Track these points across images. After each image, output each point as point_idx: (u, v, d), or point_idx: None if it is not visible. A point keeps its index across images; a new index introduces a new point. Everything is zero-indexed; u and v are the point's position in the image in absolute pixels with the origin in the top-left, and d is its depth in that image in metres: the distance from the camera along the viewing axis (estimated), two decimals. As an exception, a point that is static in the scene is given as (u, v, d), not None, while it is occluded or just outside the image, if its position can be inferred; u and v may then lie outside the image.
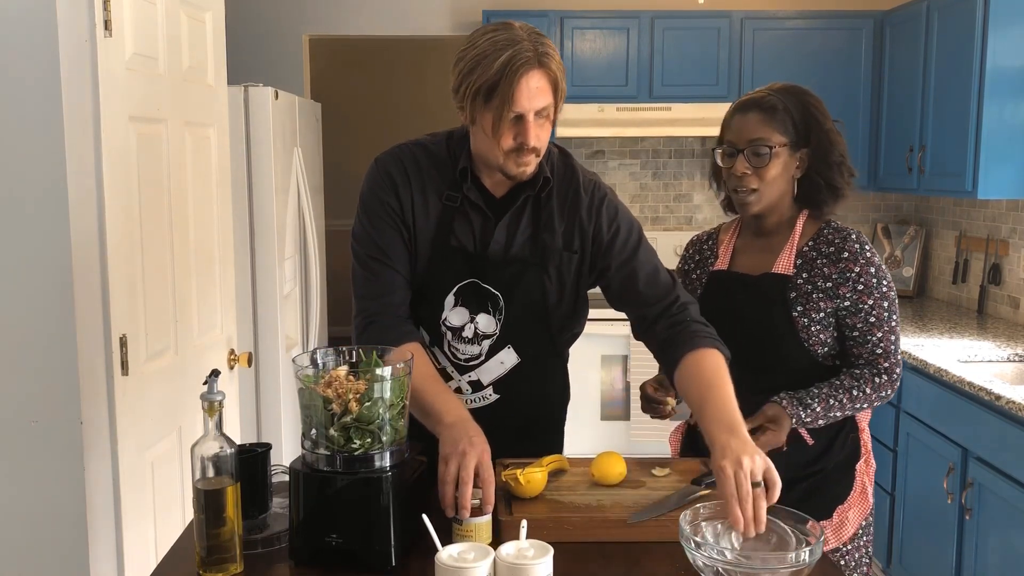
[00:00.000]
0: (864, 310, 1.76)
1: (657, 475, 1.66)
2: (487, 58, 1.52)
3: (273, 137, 3.33)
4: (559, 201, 1.73)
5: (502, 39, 1.53)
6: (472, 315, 1.71)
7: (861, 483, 1.83)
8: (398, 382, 1.37)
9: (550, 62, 1.55)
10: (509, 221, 1.71)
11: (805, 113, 1.78)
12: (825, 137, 1.78)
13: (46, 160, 1.82)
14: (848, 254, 1.77)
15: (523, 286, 1.71)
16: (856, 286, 1.76)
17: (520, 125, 1.56)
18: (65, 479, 1.89)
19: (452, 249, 1.69)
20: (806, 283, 1.78)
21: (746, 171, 1.77)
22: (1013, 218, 3.62)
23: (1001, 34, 3.21)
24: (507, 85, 1.52)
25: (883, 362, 1.78)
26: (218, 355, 2.59)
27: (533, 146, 1.58)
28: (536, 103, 1.55)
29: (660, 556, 1.41)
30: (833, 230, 1.82)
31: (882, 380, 1.78)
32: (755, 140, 1.76)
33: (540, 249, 1.71)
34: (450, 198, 1.69)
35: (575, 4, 4.43)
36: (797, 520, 1.32)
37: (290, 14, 4.56)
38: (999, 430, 2.58)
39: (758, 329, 1.80)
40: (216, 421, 1.34)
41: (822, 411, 1.74)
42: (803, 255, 1.81)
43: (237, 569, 1.36)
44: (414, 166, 1.71)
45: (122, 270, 2.00)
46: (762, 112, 1.77)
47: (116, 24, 1.95)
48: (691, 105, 4.20)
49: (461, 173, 1.68)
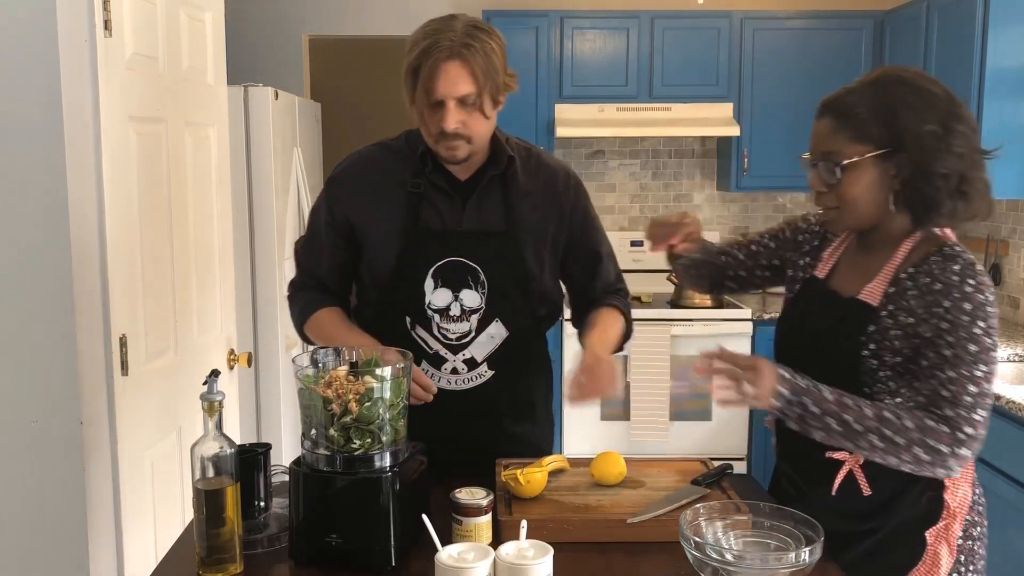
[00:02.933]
0: (940, 344, 1.38)
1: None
2: (416, 43, 1.63)
3: (273, 137, 3.33)
4: (528, 176, 1.80)
5: (435, 28, 1.64)
6: (455, 293, 1.74)
7: (933, 554, 1.47)
8: (398, 382, 1.37)
9: (471, 54, 1.61)
10: (479, 200, 1.76)
11: (892, 112, 1.42)
12: (919, 143, 1.40)
13: (46, 160, 1.82)
14: (942, 285, 1.40)
15: (503, 258, 1.75)
16: (940, 323, 1.39)
17: (440, 111, 1.64)
18: (65, 479, 1.89)
19: (422, 231, 1.73)
20: (888, 317, 1.44)
21: (820, 188, 1.49)
22: (1013, 218, 3.63)
23: (1001, 34, 3.21)
24: (425, 71, 1.60)
25: (946, 408, 1.36)
26: (218, 355, 2.59)
27: (454, 131, 1.65)
28: (455, 91, 1.62)
29: (660, 556, 1.41)
30: (942, 257, 1.43)
31: (937, 427, 1.36)
32: (827, 153, 1.46)
33: (516, 222, 1.76)
34: (414, 185, 1.75)
35: (575, 4, 4.43)
36: (797, 520, 1.32)
37: (290, 14, 4.56)
38: (999, 430, 2.58)
39: (827, 360, 1.50)
40: (216, 421, 1.34)
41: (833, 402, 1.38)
42: (898, 283, 1.46)
43: (237, 569, 1.36)
44: (369, 166, 1.80)
45: (122, 270, 2.00)
46: (835, 118, 1.46)
47: (116, 24, 1.95)
48: (691, 105, 4.20)
49: (421, 157, 1.74)
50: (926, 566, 1.48)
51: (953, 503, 1.48)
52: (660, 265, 4.49)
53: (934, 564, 1.48)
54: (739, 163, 4.28)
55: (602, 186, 4.66)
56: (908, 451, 1.36)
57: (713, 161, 4.67)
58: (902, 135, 1.41)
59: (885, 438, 1.37)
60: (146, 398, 2.13)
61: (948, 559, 1.48)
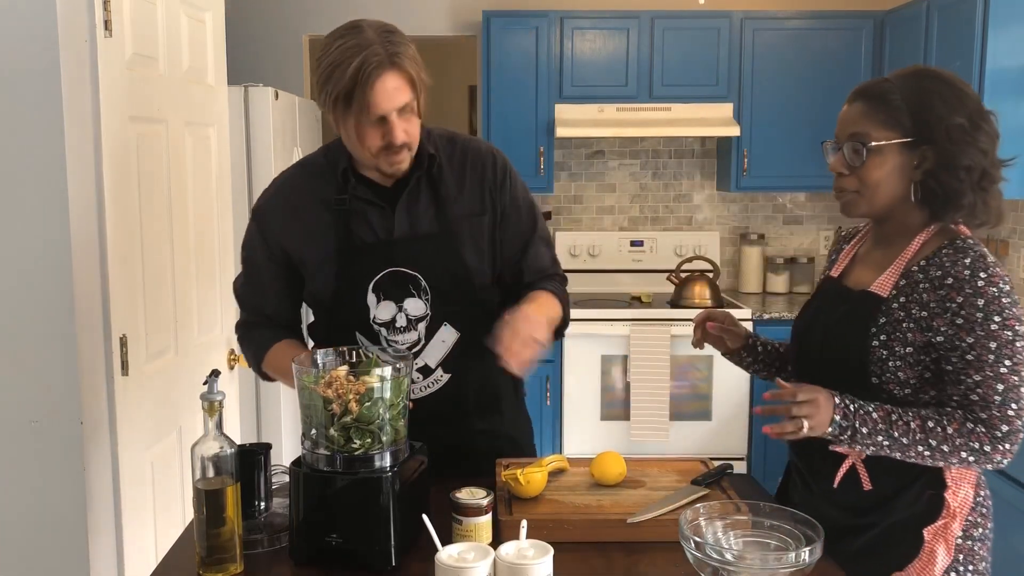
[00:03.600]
0: (961, 348, 1.41)
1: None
2: (340, 66, 1.56)
3: (273, 137, 3.33)
4: (456, 168, 1.76)
5: (351, 44, 1.56)
6: (399, 304, 1.71)
7: (930, 551, 1.49)
8: (398, 382, 1.37)
9: (403, 60, 1.58)
10: (408, 205, 1.72)
11: (924, 103, 1.45)
12: (947, 134, 1.44)
13: (46, 160, 1.82)
14: (953, 280, 1.42)
15: (441, 260, 1.72)
16: (955, 319, 1.41)
17: (385, 126, 1.60)
18: (65, 479, 1.89)
19: (356, 247, 1.71)
20: (900, 309, 1.47)
21: (842, 170, 1.51)
22: (1013, 218, 3.63)
23: (1001, 34, 3.21)
24: (362, 91, 1.55)
25: (979, 411, 1.41)
26: (218, 355, 2.59)
27: (402, 143, 1.62)
28: (396, 102, 1.58)
29: (660, 556, 1.41)
30: (953, 249, 1.45)
31: (975, 428, 1.41)
32: (854, 134, 1.48)
33: (448, 221, 1.73)
34: (339, 202, 1.72)
35: (575, 4, 4.43)
36: (797, 520, 1.32)
37: (290, 14, 4.56)
38: (999, 430, 2.58)
39: (837, 352, 1.54)
40: (216, 421, 1.34)
41: (881, 421, 1.42)
42: (909, 275, 1.48)
43: (237, 569, 1.36)
44: (292, 190, 1.78)
45: (122, 270, 2.00)
46: (867, 101, 1.49)
47: (116, 24, 1.95)
48: (691, 105, 4.20)
49: (343, 175, 1.71)
50: (921, 563, 1.50)
51: (954, 503, 1.49)
52: (660, 265, 4.51)
53: (929, 561, 1.49)
54: (739, 163, 4.28)
55: (602, 186, 4.67)
56: (955, 455, 1.42)
57: (713, 161, 4.67)
58: (932, 126, 1.44)
59: (931, 447, 1.42)
60: (146, 398, 2.13)
61: (945, 557, 1.50)
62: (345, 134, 1.65)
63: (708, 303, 4.08)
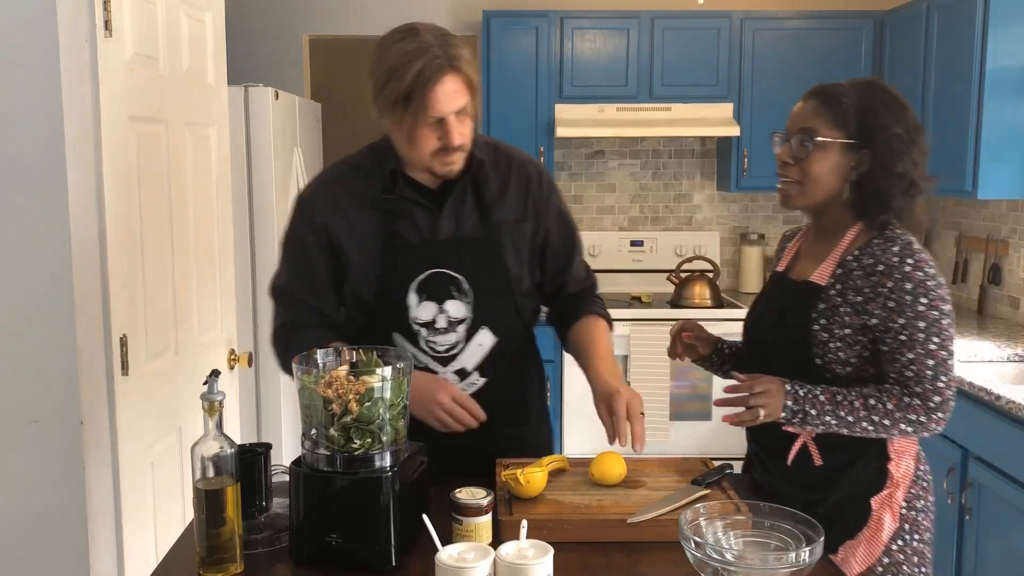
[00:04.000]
0: (894, 329, 1.55)
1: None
2: (399, 69, 1.58)
3: (273, 137, 3.33)
4: (499, 175, 1.78)
5: (411, 48, 1.59)
6: (440, 305, 1.72)
7: (877, 519, 1.62)
8: (398, 382, 1.37)
9: (461, 64, 1.60)
10: (454, 207, 1.74)
11: (871, 111, 1.59)
12: (888, 142, 1.58)
13: (46, 160, 1.82)
14: (884, 267, 1.56)
15: (484, 264, 1.74)
16: (887, 303, 1.55)
17: (442, 127, 1.62)
18: (65, 479, 1.89)
19: (400, 246, 1.72)
20: (837, 295, 1.61)
21: (787, 160, 1.65)
22: (1013, 218, 3.62)
23: (1001, 34, 3.21)
24: (422, 93, 1.58)
25: (914, 385, 1.55)
26: (218, 355, 2.59)
27: (458, 144, 1.64)
28: (453, 105, 1.61)
29: (660, 556, 1.41)
30: (883, 240, 1.60)
31: (912, 402, 1.55)
32: (804, 128, 1.62)
33: (492, 227, 1.75)
34: (386, 202, 1.73)
35: (575, 4, 4.43)
36: (797, 520, 1.32)
37: (290, 14, 4.56)
38: (999, 430, 2.58)
39: (782, 338, 1.67)
40: (216, 421, 1.34)
41: (828, 402, 1.55)
42: (844, 265, 1.63)
43: (237, 569, 1.36)
44: (338, 187, 1.78)
45: (122, 270, 2.00)
46: (821, 101, 1.62)
47: (116, 24, 1.95)
48: (691, 105, 4.20)
49: (391, 175, 1.72)
50: (870, 530, 1.62)
51: (897, 474, 1.63)
52: (660, 265, 4.51)
53: (877, 528, 1.62)
54: (739, 163, 4.28)
55: (602, 186, 4.67)
56: (896, 427, 1.57)
57: (713, 161, 4.67)
58: (874, 132, 1.59)
59: (874, 422, 1.56)
60: (146, 398, 2.13)
61: (891, 524, 1.62)
62: (399, 135, 1.67)
63: (708, 303, 4.08)
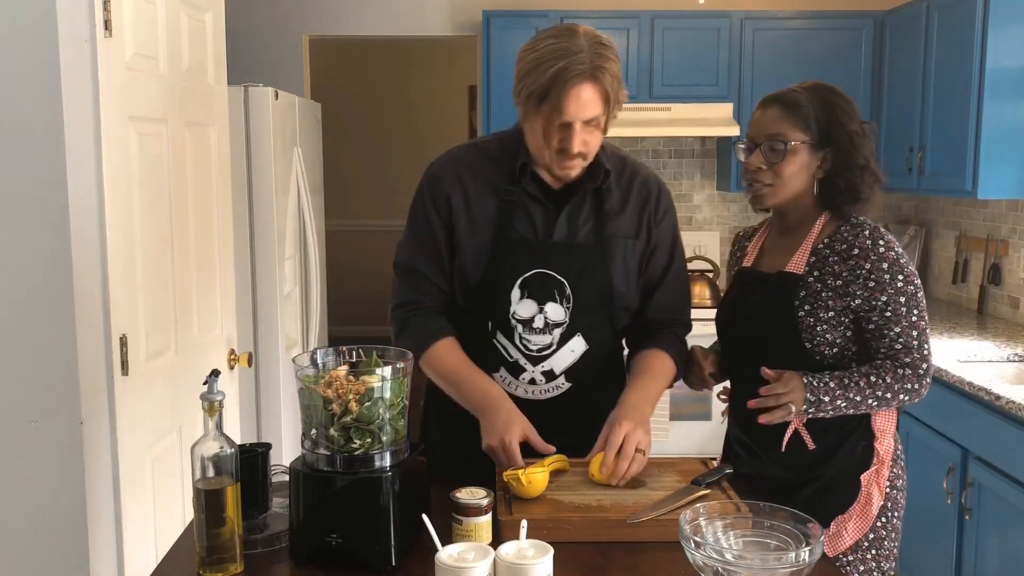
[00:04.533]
0: (878, 307, 1.68)
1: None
2: (543, 64, 1.58)
3: (273, 137, 3.33)
4: (621, 190, 1.79)
5: (560, 47, 1.58)
6: (540, 305, 1.73)
7: (867, 494, 1.74)
8: (398, 382, 1.37)
9: (604, 75, 1.59)
10: (570, 212, 1.75)
11: (829, 112, 1.72)
12: (848, 139, 1.72)
13: (46, 160, 1.82)
14: (859, 250, 1.69)
15: (590, 274, 1.75)
16: (867, 283, 1.68)
17: (566, 131, 1.62)
18: (65, 479, 1.89)
19: (513, 241, 1.73)
20: (816, 281, 1.72)
21: (760, 166, 1.74)
22: (1013, 218, 3.62)
23: (1001, 34, 3.21)
24: (557, 94, 1.57)
25: (904, 356, 1.69)
26: (218, 355, 2.59)
27: (577, 152, 1.64)
28: (584, 113, 1.60)
29: (660, 556, 1.41)
30: (850, 226, 1.74)
31: (905, 373, 1.69)
32: (773, 135, 1.72)
33: (606, 238, 1.76)
34: (508, 192, 1.74)
35: (575, 4, 4.43)
36: (797, 520, 1.32)
37: (290, 14, 4.56)
38: (999, 430, 2.58)
39: (766, 327, 1.77)
40: (216, 421, 1.34)
41: (837, 387, 1.67)
42: (817, 253, 1.75)
43: (237, 569, 1.36)
44: (466, 168, 1.78)
45: (122, 270, 2.00)
46: (783, 107, 1.73)
47: (116, 24, 1.95)
48: (691, 105, 4.20)
49: (521, 168, 1.73)
50: (860, 505, 1.74)
51: (882, 451, 1.76)
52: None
53: (867, 503, 1.74)
54: (739, 163, 4.28)
55: (602, 186, 4.66)
56: (896, 399, 1.70)
57: (713, 161, 4.67)
58: (834, 132, 1.72)
59: (877, 397, 1.69)
60: (146, 398, 2.13)
61: (879, 499, 1.75)
62: (529, 129, 1.69)
63: (708, 303, 4.08)
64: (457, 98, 7.24)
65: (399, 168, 7.37)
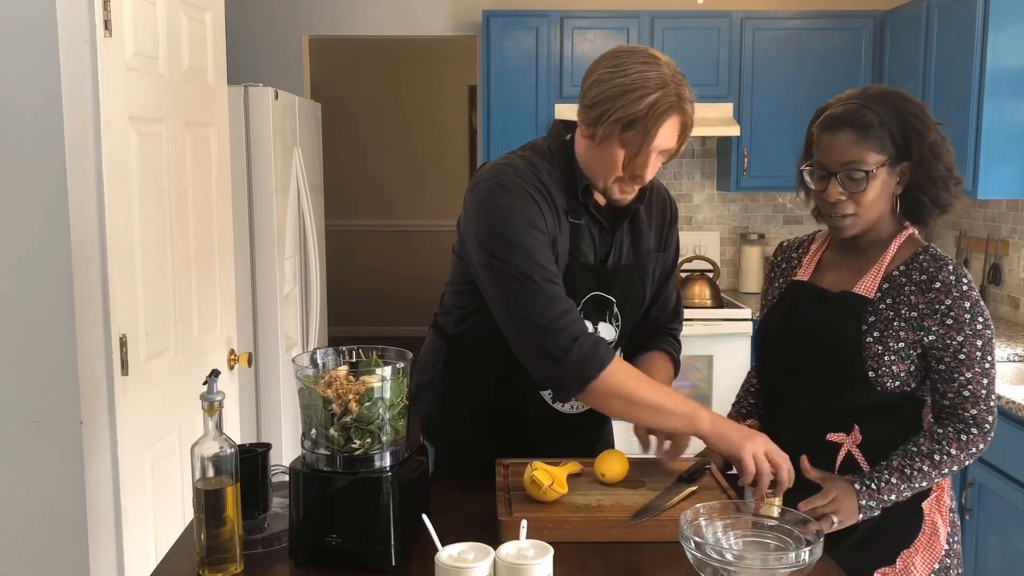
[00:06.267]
0: (952, 347, 1.56)
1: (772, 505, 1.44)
2: (636, 91, 1.54)
3: (273, 137, 3.33)
4: (646, 205, 1.80)
5: (653, 76, 1.55)
6: (594, 325, 1.74)
7: (931, 524, 1.62)
8: (398, 382, 1.37)
9: (687, 107, 1.59)
10: (618, 233, 1.75)
11: (905, 125, 1.58)
12: (928, 150, 1.59)
13: (46, 160, 1.82)
14: (941, 284, 1.57)
15: (632, 292, 1.77)
16: (945, 320, 1.56)
17: (645, 159, 1.60)
18: (65, 479, 1.89)
19: (582, 266, 1.71)
20: (888, 309, 1.60)
21: (841, 196, 1.60)
22: (1013, 218, 3.63)
23: (1001, 34, 3.21)
24: (649, 124, 1.55)
25: (970, 408, 1.57)
26: (218, 355, 2.59)
27: (648, 179, 1.64)
28: (667, 144, 1.59)
29: (660, 556, 1.41)
30: (929, 257, 1.61)
31: (970, 436, 1.57)
32: (849, 163, 1.58)
33: (642, 254, 1.78)
34: (575, 214, 1.69)
35: (575, 4, 4.43)
36: (797, 520, 1.32)
37: (290, 14, 4.57)
38: (999, 430, 2.57)
39: (827, 349, 1.63)
40: (216, 421, 1.34)
41: (900, 481, 1.55)
42: (891, 279, 1.62)
43: (237, 569, 1.36)
44: (542, 187, 1.66)
45: (122, 270, 2.00)
46: (856, 130, 1.57)
47: (116, 24, 1.95)
48: (691, 105, 4.20)
49: (584, 192, 1.68)
50: (926, 536, 1.62)
51: (946, 479, 1.64)
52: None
53: (933, 533, 1.62)
54: (739, 163, 4.28)
55: (602, 186, 4.66)
56: (962, 465, 1.59)
57: (713, 161, 4.67)
58: (912, 146, 1.59)
59: (942, 472, 1.58)
60: (146, 398, 2.13)
61: (943, 528, 1.63)
62: (597, 152, 1.61)
63: (708, 303, 4.08)
64: (457, 98, 7.25)
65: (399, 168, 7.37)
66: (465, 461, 1.79)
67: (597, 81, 1.58)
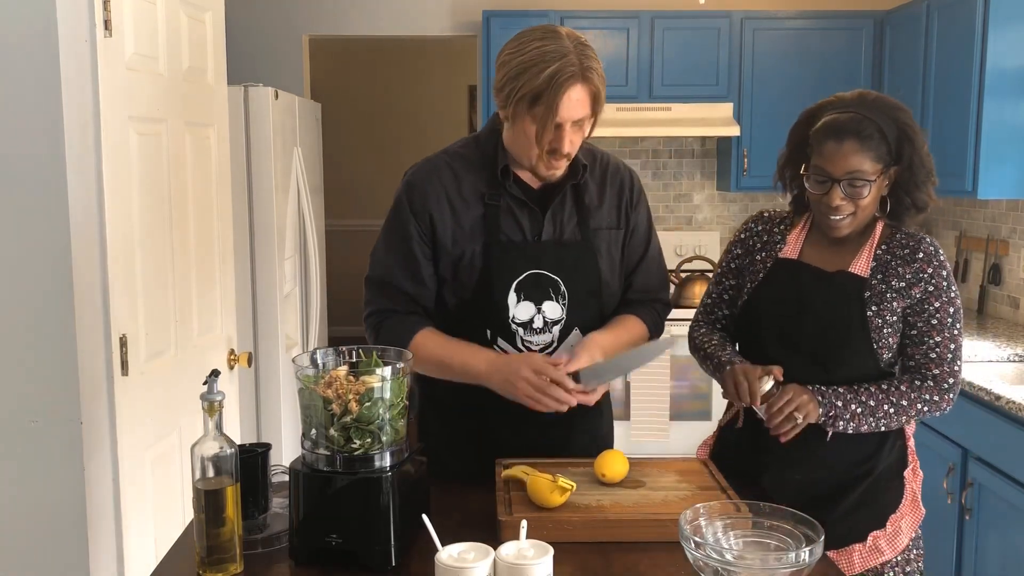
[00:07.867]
0: (928, 311, 1.71)
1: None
2: (535, 67, 1.59)
3: (273, 137, 3.33)
4: (597, 183, 1.81)
5: (550, 49, 1.59)
6: (537, 306, 1.75)
7: (911, 491, 1.78)
8: (398, 382, 1.37)
9: (593, 76, 1.61)
10: (554, 210, 1.76)
11: (900, 134, 1.69)
12: (919, 159, 1.71)
13: (46, 160, 1.82)
14: (923, 255, 1.72)
15: (580, 268, 1.77)
16: (928, 286, 1.71)
17: (557, 132, 1.63)
18: (65, 479, 1.89)
19: (504, 245, 1.73)
20: (881, 283, 1.73)
21: (842, 202, 1.70)
22: (1013, 218, 3.63)
23: (1001, 34, 3.21)
24: (551, 96, 1.58)
25: (933, 368, 1.72)
26: (218, 355, 2.59)
27: (566, 152, 1.66)
28: (576, 114, 1.62)
29: (660, 556, 1.41)
30: (906, 235, 1.77)
31: (926, 386, 1.71)
32: (853, 172, 1.67)
33: (591, 232, 1.78)
34: (492, 197, 1.74)
35: (575, 4, 4.43)
36: (797, 520, 1.32)
37: (290, 14, 4.57)
38: (999, 430, 2.58)
39: (829, 324, 1.74)
40: (216, 421, 1.34)
41: (847, 392, 1.68)
42: (877, 258, 1.76)
43: (237, 569, 1.36)
44: (448, 177, 1.76)
45: (122, 270, 2.00)
46: (859, 141, 1.67)
47: (116, 24, 1.95)
48: (691, 105, 4.20)
49: (503, 172, 1.73)
50: (908, 502, 1.77)
51: (914, 450, 1.81)
52: (660, 265, 4.50)
53: (914, 500, 1.78)
54: (739, 163, 4.28)
55: (602, 186, 4.66)
56: (912, 407, 1.71)
57: (713, 161, 4.68)
58: (903, 153, 1.70)
59: (893, 403, 1.70)
60: (146, 398, 2.13)
61: (918, 497, 1.78)
62: (514, 131, 1.68)
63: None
64: (457, 98, 7.25)
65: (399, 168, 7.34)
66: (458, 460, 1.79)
67: (502, 64, 1.65)
